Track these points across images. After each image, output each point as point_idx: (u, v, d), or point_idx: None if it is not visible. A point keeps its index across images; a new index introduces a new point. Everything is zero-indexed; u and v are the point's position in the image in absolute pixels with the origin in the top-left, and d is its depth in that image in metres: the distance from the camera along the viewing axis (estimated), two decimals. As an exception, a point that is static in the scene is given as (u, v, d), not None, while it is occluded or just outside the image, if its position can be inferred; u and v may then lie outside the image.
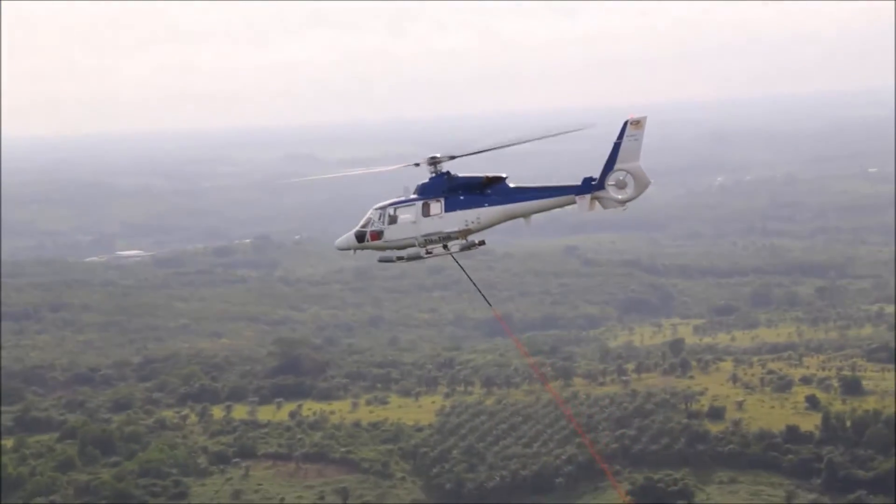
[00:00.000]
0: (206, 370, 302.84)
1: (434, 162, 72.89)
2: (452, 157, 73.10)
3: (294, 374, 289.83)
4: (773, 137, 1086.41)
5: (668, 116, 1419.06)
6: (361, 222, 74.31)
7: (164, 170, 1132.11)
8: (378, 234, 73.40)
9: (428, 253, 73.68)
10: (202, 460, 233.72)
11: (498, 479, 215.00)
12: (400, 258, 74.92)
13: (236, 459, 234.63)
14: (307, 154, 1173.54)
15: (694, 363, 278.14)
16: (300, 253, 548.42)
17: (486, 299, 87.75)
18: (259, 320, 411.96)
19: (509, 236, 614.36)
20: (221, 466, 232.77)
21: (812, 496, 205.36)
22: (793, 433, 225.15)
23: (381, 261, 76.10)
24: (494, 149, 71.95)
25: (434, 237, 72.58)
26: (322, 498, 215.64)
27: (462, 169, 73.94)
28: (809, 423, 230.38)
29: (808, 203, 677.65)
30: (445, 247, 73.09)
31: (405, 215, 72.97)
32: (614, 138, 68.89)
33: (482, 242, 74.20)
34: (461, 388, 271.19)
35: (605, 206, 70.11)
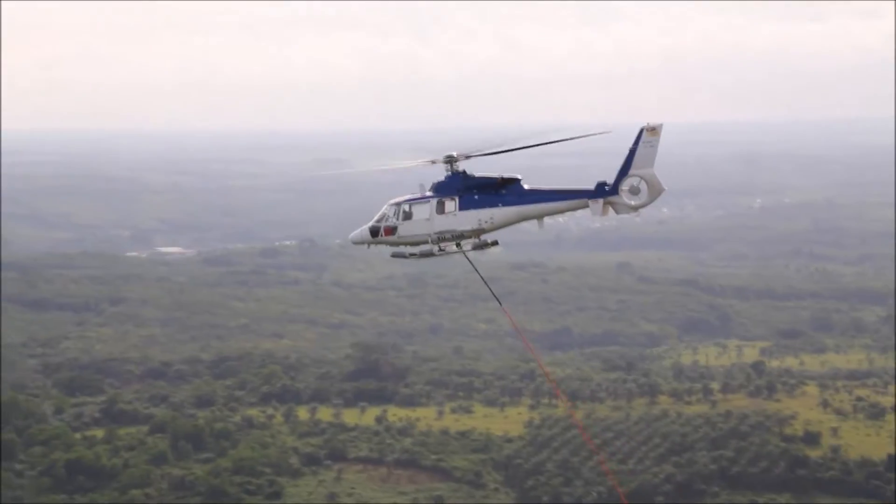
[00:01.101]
0: (284, 371, 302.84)
1: (450, 160, 73.38)
2: (468, 157, 73.42)
3: (374, 379, 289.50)
4: (806, 161, 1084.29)
5: (699, 137, 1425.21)
6: (376, 217, 74.88)
7: (193, 168, 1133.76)
8: (392, 230, 74.19)
9: (441, 250, 74.27)
10: (294, 461, 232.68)
11: (595, 494, 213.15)
12: (413, 254, 75.59)
13: (328, 462, 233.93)
14: (336, 159, 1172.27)
15: (779, 386, 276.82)
16: (345, 257, 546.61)
17: (497, 298, 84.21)
18: (318, 323, 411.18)
19: (555, 250, 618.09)
20: (313, 468, 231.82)
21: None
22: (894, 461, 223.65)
23: (393, 256, 76.79)
24: (511, 150, 71.80)
25: (447, 235, 73.24)
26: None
27: (478, 169, 74.45)
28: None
29: (849, 228, 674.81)
30: (458, 245, 73.85)
31: (420, 212, 73.66)
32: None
33: (495, 242, 74.51)
34: (545, 401, 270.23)
35: (617, 212, 71.42)
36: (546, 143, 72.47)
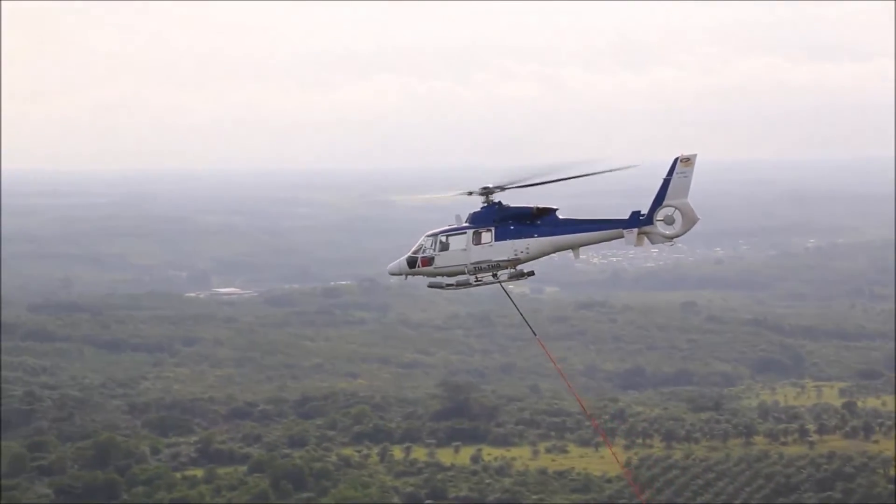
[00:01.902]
0: (371, 410, 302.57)
1: (486, 192, 73.57)
2: (504, 188, 73.35)
3: (465, 418, 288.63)
4: (857, 200, 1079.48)
5: (741, 176, 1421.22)
6: (413, 248, 75.13)
7: (243, 208, 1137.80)
8: (429, 261, 74.45)
9: (477, 281, 74.00)
10: (396, 500, 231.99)
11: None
12: (449, 285, 75.48)
13: (429, 501, 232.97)
14: (382, 197, 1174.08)
15: (876, 427, 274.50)
16: (407, 296, 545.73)
17: (532, 330, 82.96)
18: (390, 362, 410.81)
19: (614, 289, 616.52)
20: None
21: None
22: None
23: (430, 286, 77.05)
24: (546, 182, 72.03)
25: (484, 265, 73.14)
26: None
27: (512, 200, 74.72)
28: None
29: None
30: (495, 275, 73.58)
31: (456, 243, 73.83)
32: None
33: (532, 273, 74.24)
34: (640, 441, 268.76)
35: (652, 242, 71.49)
36: (577, 177, 72.68)
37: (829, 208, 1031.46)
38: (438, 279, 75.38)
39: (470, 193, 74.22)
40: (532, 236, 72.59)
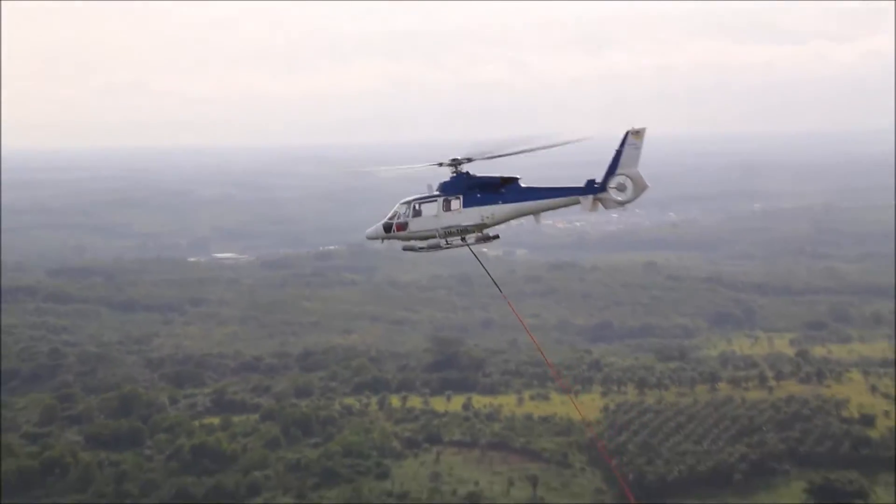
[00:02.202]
0: (357, 363, 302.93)
1: (455, 163, 74.73)
2: (471, 160, 74.51)
3: (455, 370, 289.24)
4: (800, 170, 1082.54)
5: (691, 147, 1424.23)
6: (389, 215, 76.46)
7: (237, 180, 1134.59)
8: (403, 226, 75.87)
9: (447, 244, 75.43)
10: (396, 444, 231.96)
11: (677, 472, 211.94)
12: (422, 248, 76.37)
13: (426, 445, 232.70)
14: (363, 168, 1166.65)
15: (827, 373, 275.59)
16: (393, 259, 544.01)
17: (500, 289, 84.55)
18: (380, 319, 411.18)
19: (581, 252, 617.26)
20: (414, 451, 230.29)
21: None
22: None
23: (404, 249, 77.53)
24: (509, 154, 72.74)
25: (453, 230, 74.61)
26: (512, 483, 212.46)
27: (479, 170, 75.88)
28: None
29: (846, 231, 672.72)
30: (463, 239, 75.14)
31: (428, 210, 75.15)
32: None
33: (497, 236, 75.79)
34: (615, 388, 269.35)
35: (606, 207, 72.01)
36: (538, 149, 72.96)
37: (771, 176, 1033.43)
38: (412, 242, 76.50)
39: (440, 164, 75.34)
40: (497, 203, 73.99)
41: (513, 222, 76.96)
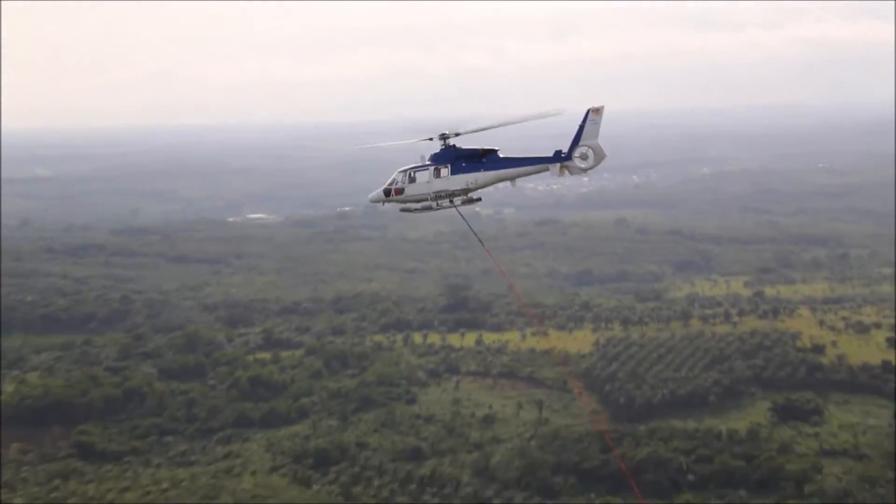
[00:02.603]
0: (383, 306, 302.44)
1: (444, 137, 75.72)
2: (458, 134, 75.38)
3: (466, 311, 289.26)
4: (738, 139, 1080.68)
5: (648, 121, 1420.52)
6: (388, 181, 77.06)
7: (261, 153, 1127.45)
8: (400, 191, 76.75)
9: (438, 206, 76.58)
10: (421, 374, 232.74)
11: (660, 396, 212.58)
12: (416, 209, 77.44)
13: (446, 374, 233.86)
14: (368, 143, 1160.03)
15: (781, 310, 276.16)
16: (401, 220, 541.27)
17: (481, 243, 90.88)
18: (395, 269, 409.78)
19: (560, 210, 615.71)
20: (436, 379, 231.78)
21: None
22: (887, 366, 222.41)
23: (402, 210, 78.70)
24: (489, 128, 73.71)
25: (442, 194, 75.85)
26: (521, 406, 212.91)
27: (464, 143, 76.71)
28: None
29: (782, 190, 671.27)
30: (451, 201, 76.22)
31: (421, 177, 76.16)
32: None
33: (479, 199, 76.84)
34: (603, 325, 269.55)
35: (571, 173, 72.99)
36: (513, 124, 72.95)
37: (716, 144, 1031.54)
38: (408, 205, 77.53)
39: (430, 139, 76.27)
40: (479, 171, 75.14)
41: (494, 186, 77.95)
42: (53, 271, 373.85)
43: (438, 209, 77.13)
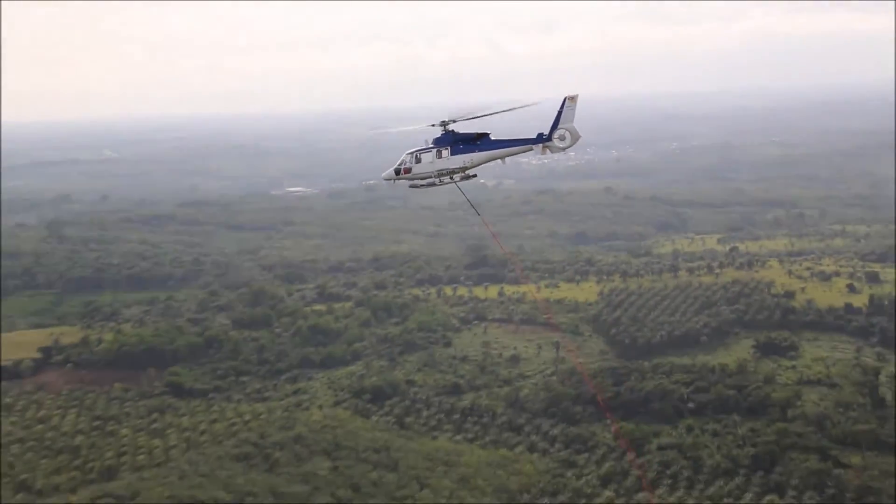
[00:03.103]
0: (417, 265, 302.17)
1: (444, 123, 75.64)
2: (455, 121, 75.39)
3: (487, 267, 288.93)
4: (702, 118, 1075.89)
5: (622, 104, 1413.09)
6: (398, 161, 77.37)
7: (294, 136, 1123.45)
8: (409, 170, 77.16)
9: (440, 182, 76.70)
10: (454, 321, 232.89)
11: (659, 337, 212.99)
12: (422, 185, 77.67)
13: (475, 321, 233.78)
14: (383, 128, 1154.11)
15: (754, 263, 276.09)
16: (418, 191, 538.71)
17: (477, 212, 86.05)
18: (419, 233, 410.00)
19: (552, 181, 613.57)
20: (468, 326, 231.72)
21: (875, 350, 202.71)
22: (849, 308, 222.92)
23: (410, 186, 79.00)
24: (483, 116, 74.00)
25: (444, 172, 75.93)
26: (541, 347, 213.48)
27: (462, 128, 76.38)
28: (858, 301, 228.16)
29: (742, 161, 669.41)
30: (451, 178, 76.27)
31: (426, 158, 76.24)
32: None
33: (475, 175, 76.50)
34: (605, 278, 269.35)
35: (552, 152, 72.69)
36: (503, 111, 73.29)
37: (683, 123, 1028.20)
38: (415, 182, 77.83)
39: (433, 125, 76.34)
40: (474, 152, 75.18)
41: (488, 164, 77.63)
42: (133, 238, 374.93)
43: (441, 185, 77.56)
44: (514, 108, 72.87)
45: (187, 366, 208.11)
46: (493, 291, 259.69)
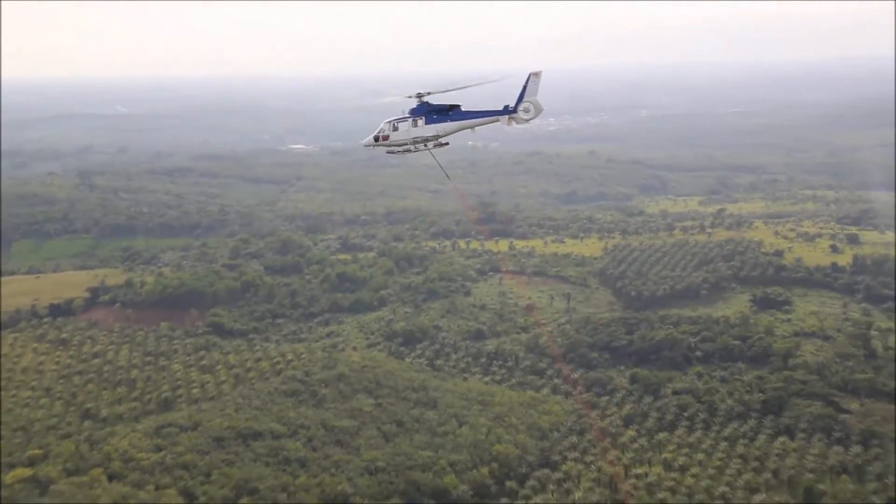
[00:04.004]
0: (430, 219, 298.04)
1: (419, 95, 75.64)
2: (430, 94, 75.41)
3: (496, 223, 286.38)
4: (667, 88, 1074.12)
5: (598, 76, 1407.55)
6: (377, 130, 77.08)
7: (294, 97, 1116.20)
8: (386, 137, 76.83)
9: (415, 149, 76.64)
10: (472, 272, 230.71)
11: (662, 290, 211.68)
12: (399, 151, 77.30)
13: (490, 273, 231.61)
14: (375, 91, 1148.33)
15: (742, 223, 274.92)
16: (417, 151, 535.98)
17: (446, 174, 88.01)
18: (423, 189, 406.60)
19: (536, 144, 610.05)
20: (484, 277, 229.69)
21: (861, 306, 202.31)
22: (835, 267, 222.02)
23: (388, 152, 78.61)
24: (455, 90, 73.67)
25: (419, 139, 75.90)
26: (553, 297, 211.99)
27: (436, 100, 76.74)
28: (841, 260, 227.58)
29: (708, 128, 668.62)
30: (425, 145, 76.24)
31: (403, 126, 76.16)
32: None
33: (447, 143, 76.58)
34: (607, 235, 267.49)
35: (517, 123, 72.04)
36: (472, 86, 72.85)
37: (649, 92, 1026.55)
38: (392, 148, 77.16)
39: (409, 97, 75.71)
40: (446, 122, 74.90)
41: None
42: (157, 188, 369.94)
43: (415, 151, 77.12)
44: (481, 83, 72.23)
45: (226, 308, 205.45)
46: (503, 245, 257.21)
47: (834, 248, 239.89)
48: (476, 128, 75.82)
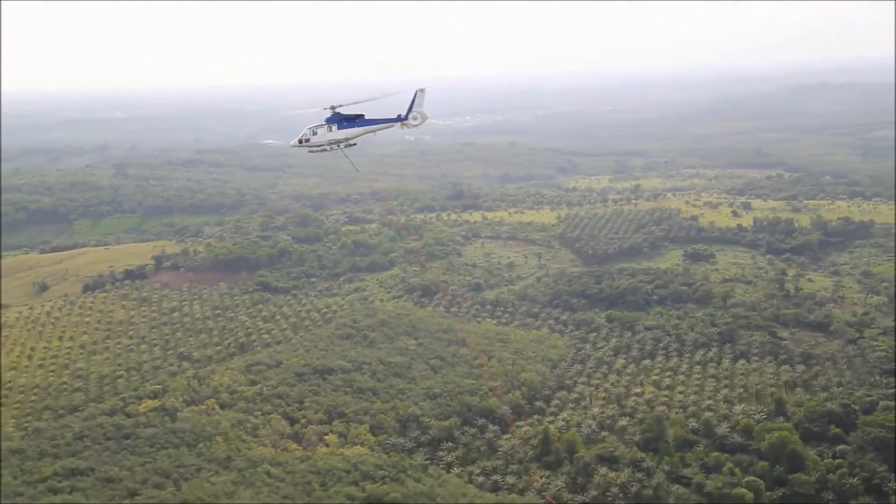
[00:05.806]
0: (417, 197, 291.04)
1: (333, 108, 75.57)
2: (341, 106, 75.31)
3: (465, 199, 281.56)
4: (556, 92, 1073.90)
5: (500, 84, 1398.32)
6: (300, 134, 75.93)
7: (262, 102, 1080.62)
8: (308, 140, 75.98)
9: (331, 149, 76.54)
10: (459, 238, 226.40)
11: (611, 249, 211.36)
12: (319, 150, 76.88)
13: (473, 238, 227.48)
14: (299, 109, 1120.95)
15: (656, 196, 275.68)
16: (374, 143, 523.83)
17: (354, 166, 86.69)
18: (389, 174, 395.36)
19: (468, 137, 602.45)
20: (469, 241, 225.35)
21: (766, 257, 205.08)
22: (740, 228, 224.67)
23: (310, 152, 78.39)
24: (360, 102, 73.49)
25: (333, 141, 75.75)
26: (526, 257, 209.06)
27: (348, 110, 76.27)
28: (743, 222, 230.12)
29: (596, 123, 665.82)
30: (338, 146, 76.23)
31: (321, 131, 75.67)
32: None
33: (356, 143, 76.55)
34: (557, 207, 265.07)
35: (409, 128, 71.69)
36: (374, 99, 72.79)
37: (543, 96, 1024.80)
38: (313, 148, 76.15)
39: (325, 108, 74.93)
40: (354, 127, 74.72)
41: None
42: (179, 177, 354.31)
43: (331, 150, 76.20)
44: (377, 98, 72.29)
45: (268, 270, 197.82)
46: (476, 216, 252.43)
47: (735, 213, 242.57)
48: (376, 132, 74.99)
